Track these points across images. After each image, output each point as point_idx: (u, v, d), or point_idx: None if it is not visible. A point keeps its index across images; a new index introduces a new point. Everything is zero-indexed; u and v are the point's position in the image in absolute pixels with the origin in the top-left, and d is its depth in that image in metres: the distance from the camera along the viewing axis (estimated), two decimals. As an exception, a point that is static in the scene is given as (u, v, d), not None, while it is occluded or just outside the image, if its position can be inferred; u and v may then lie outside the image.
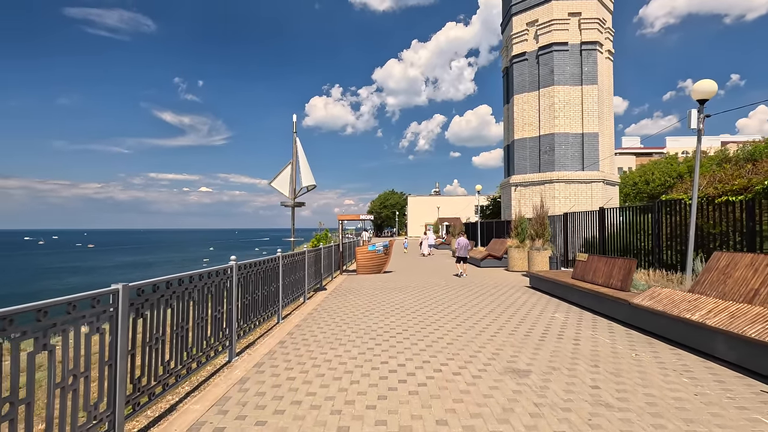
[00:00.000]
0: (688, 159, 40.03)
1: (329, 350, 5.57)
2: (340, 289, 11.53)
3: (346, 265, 19.46)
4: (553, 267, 12.85)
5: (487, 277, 14.50)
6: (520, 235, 16.55)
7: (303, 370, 4.77)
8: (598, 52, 23.52)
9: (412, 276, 14.87)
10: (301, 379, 4.51)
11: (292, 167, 10.17)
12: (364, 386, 4.27)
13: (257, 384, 4.39)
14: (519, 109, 24.90)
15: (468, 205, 77.70)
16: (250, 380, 4.50)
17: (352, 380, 4.45)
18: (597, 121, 23.24)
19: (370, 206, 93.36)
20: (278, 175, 10.12)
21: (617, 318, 7.14)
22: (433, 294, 10.50)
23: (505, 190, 26.34)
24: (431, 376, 4.55)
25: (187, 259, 77.72)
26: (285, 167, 10.22)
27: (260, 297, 6.42)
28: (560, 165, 23.21)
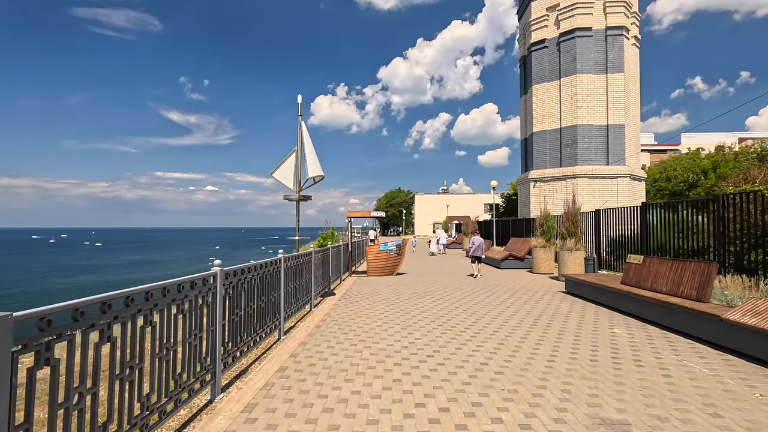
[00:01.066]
0: (710, 155, 38.20)
1: (344, 382, 4.25)
2: (351, 294, 10.22)
3: (355, 266, 18.18)
4: (589, 269, 11.46)
5: (510, 279, 13.12)
6: (546, 234, 15.14)
7: (310, 419, 3.45)
8: (624, 38, 21.97)
9: (429, 278, 13.53)
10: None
11: (297, 156, 8.82)
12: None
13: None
14: (538, 100, 23.42)
15: (477, 204, 76.05)
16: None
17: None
18: (623, 112, 21.71)
19: (377, 204, 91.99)
20: (281, 165, 8.77)
21: (700, 337, 5.74)
22: (457, 300, 9.15)
23: (523, 186, 24.88)
24: (490, 431, 3.22)
25: (194, 258, 76.86)
26: (288, 156, 8.86)
27: (256, 310, 5.11)
28: (583, 159, 21.71)
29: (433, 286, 11.50)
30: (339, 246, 12.53)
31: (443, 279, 13.34)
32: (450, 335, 6.13)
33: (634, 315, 7.32)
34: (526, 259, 16.74)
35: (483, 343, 5.73)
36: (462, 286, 11.61)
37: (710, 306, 5.82)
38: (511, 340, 5.86)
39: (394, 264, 14.49)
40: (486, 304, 8.74)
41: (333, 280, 11.46)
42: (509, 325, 6.74)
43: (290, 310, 6.71)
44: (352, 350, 5.39)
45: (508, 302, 8.91)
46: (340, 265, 12.85)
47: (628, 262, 8.32)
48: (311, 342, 5.82)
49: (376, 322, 7.08)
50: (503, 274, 14.72)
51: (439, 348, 5.48)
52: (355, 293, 10.41)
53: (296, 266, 7.04)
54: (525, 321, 7.05)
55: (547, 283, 11.93)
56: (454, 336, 6.09)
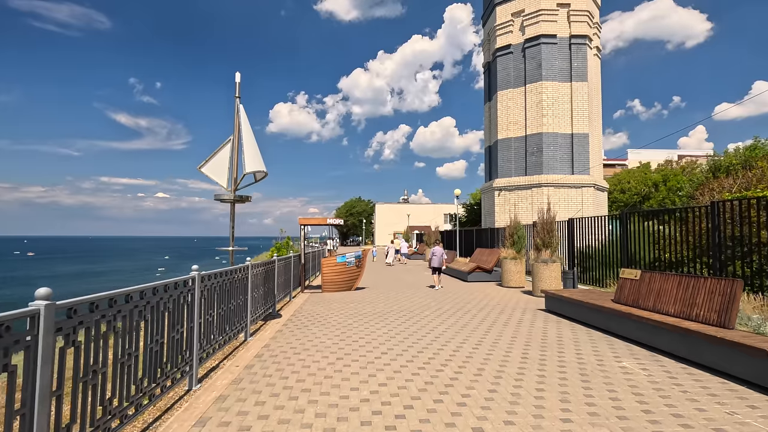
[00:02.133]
0: (660, 168, 39.61)
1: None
2: (301, 316, 8.56)
3: (309, 280, 16.43)
4: (568, 284, 10.42)
5: (481, 294, 11.91)
6: (516, 245, 14.13)
7: None
8: (587, 47, 21.83)
9: (392, 294, 12.08)
10: None
11: (232, 147, 7.08)
12: None
13: None
14: (503, 107, 22.81)
15: (437, 214, 75.83)
16: None
17: None
18: (587, 121, 21.45)
19: (336, 213, 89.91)
20: (212, 158, 6.98)
21: (736, 375, 4.60)
22: (427, 324, 7.73)
23: (487, 194, 24.13)
24: None
25: (139, 269, 71.18)
26: (222, 147, 7.08)
27: (149, 357, 3.41)
28: (549, 167, 21.19)
29: (397, 304, 10.04)
30: (289, 258, 10.83)
31: (408, 294, 11.93)
32: (424, 378, 4.67)
33: (638, 342, 6.18)
34: (494, 271, 15.69)
35: (469, 389, 4.30)
36: (430, 303, 10.23)
37: (744, 335, 4.71)
38: (505, 382, 4.47)
39: (353, 278, 12.93)
40: (461, 327, 7.37)
41: (281, 298, 9.75)
42: (496, 359, 5.37)
43: (210, 346, 5.00)
44: (290, 409, 3.79)
45: (485, 324, 7.59)
46: (290, 280, 11.13)
47: (623, 278, 7.25)
48: (234, 398, 4.15)
49: (327, 358, 5.50)
50: (472, 288, 13.52)
51: (412, 401, 3.99)
52: (306, 314, 8.76)
53: (221, 287, 5.34)
54: (513, 352, 5.72)
55: (522, 299, 10.79)
56: (429, 379, 4.62)
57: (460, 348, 5.96)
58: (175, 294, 3.93)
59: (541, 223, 11.90)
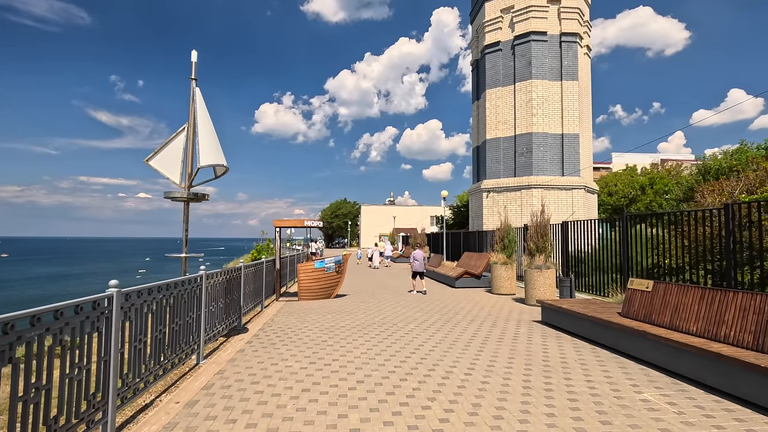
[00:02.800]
0: (647, 171, 39.57)
1: None
2: (270, 330, 7.58)
3: (287, 286, 15.41)
4: (565, 293, 9.63)
5: (470, 302, 11.08)
6: (507, 249, 13.35)
7: None
8: (578, 46, 21.30)
9: (374, 302, 11.16)
10: None
11: (186, 137, 6.00)
12: None
13: None
14: (492, 106, 22.11)
15: (423, 216, 75.14)
16: None
17: None
18: (578, 121, 20.89)
19: (321, 215, 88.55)
20: (162, 149, 5.87)
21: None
22: (413, 339, 6.83)
23: (475, 196, 23.39)
24: None
25: (116, 271, 68.67)
26: (174, 137, 5.96)
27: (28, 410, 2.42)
28: (538, 169, 20.55)
29: (380, 315, 9.12)
30: (261, 263, 9.82)
31: (392, 302, 11.03)
32: (407, 418, 3.75)
33: (654, 365, 5.37)
34: (483, 276, 14.89)
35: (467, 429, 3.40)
36: (415, 314, 9.33)
37: (792, 363, 3.91)
38: (507, 425, 3.58)
39: (333, 285, 11.97)
40: (450, 345, 6.49)
41: (250, 308, 8.74)
42: (493, 389, 4.49)
43: (142, 379, 4.00)
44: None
45: (477, 341, 6.72)
46: (263, 288, 10.12)
47: (631, 289, 6.46)
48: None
49: (291, 389, 4.55)
50: (460, 295, 12.68)
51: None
52: (277, 328, 7.78)
53: (159, 305, 4.34)
54: (513, 379, 4.85)
55: (515, 309, 9.98)
56: (413, 421, 3.71)
57: (451, 373, 5.07)
58: (76, 322, 2.94)
59: (534, 227, 11.12)
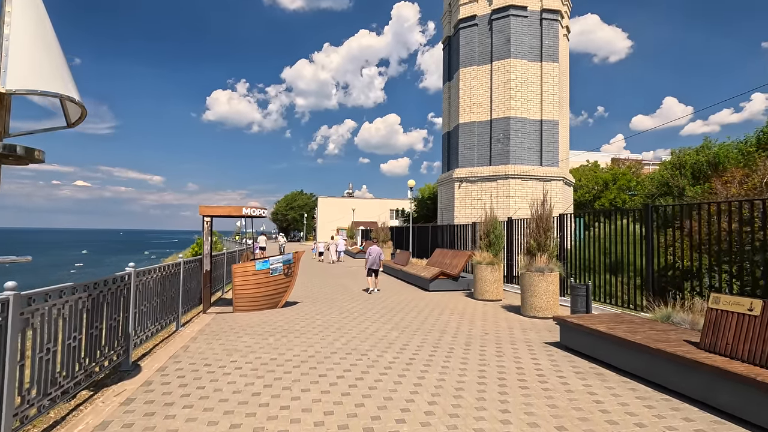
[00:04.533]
0: (610, 167, 39.43)
1: None
2: (174, 373, 4.85)
3: (223, 291, 12.51)
4: (580, 304, 7.52)
5: (452, 312, 8.79)
6: (493, 247, 11.20)
7: None
8: (559, 25, 19.60)
9: (334, 313, 8.61)
10: None
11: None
12: None
13: None
14: (466, 86, 19.99)
15: (384, 209, 72.95)
16: None
17: None
18: (557, 107, 19.22)
19: (275, 207, 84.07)
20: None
21: None
22: (397, 381, 4.34)
23: (445, 187, 21.28)
24: None
25: (47, 266, 60.90)
26: None
27: None
28: (516, 157, 18.69)
29: (343, 336, 6.59)
30: (174, 266, 7.00)
31: (356, 313, 8.52)
32: None
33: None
34: (460, 278, 12.72)
35: None
36: (391, 335, 6.88)
37: None
38: None
39: (280, 291, 9.29)
40: (456, 396, 4.06)
41: (155, 332, 5.93)
42: None
43: None
44: None
45: (491, 387, 4.34)
46: (179, 299, 7.29)
47: (717, 309, 4.33)
48: None
49: None
50: (437, 301, 10.40)
51: None
52: (187, 365, 5.06)
53: None
54: None
55: (513, 323, 7.78)
56: None
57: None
58: None
59: (536, 220, 8.98)
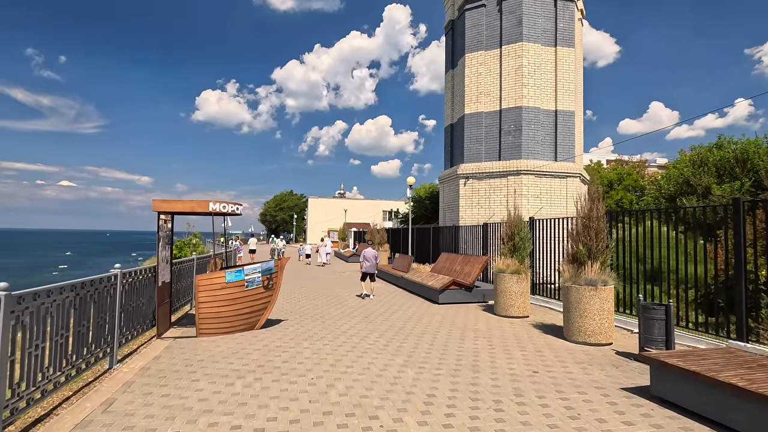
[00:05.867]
0: (614, 167, 37.96)
1: None
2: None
3: (191, 306, 10.44)
4: (655, 330, 5.63)
5: (477, 334, 6.83)
6: (519, 251, 9.27)
7: None
8: (575, 7, 17.86)
9: (326, 338, 6.60)
10: None
11: None
12: None
13: None
14: (472, 73, 18.14)
15: (376, 210, 70.88)
16: None
17: None
18: (573, 96, 17.45)
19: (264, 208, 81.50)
20: None
21: None
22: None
23: (448, 184, 19.38)
24: None
25: (29, 267, 57.71)
26: None
27: None
28: (529, 151, 16.86)
29: (335, 374, 4.58)
30: (109, 280, 4.96)
31: (356, 338, 6.51)
32: None
33: None
34: (474, 288, 10.80)
35: None
36: (402, 373, 4.87)
37: None
38: None
39: (258, 308, 7.26)
40: None
41: (75, 375, 3.87)
42: None
43: None
44: None
45: None
46: (114, 324, 5.23)
47: None
48: None
49: None
50: (453, 318, 8.44)
51: None
52: None
53: None
54: None
55: (557, 351, 5.85)
56: None
57: None
58: None
59: (582, 218, 7.05)
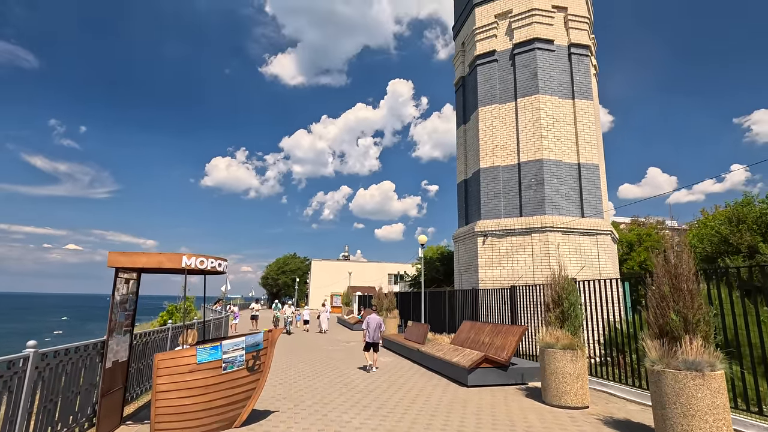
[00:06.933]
0: (632, 227, 36.39)
1: None
2: None
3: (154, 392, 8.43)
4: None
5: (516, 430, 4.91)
6: (571, 321, 7.48)
7: None
8: (589, 61, 17.40)
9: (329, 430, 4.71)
10: None
11: None
12: None
13: None
14: (487, 126, 17.29)
15: (381, 273, 68.63)
16: None
17: None
18: (596, 149, 16.40)
19: (266, 271, 79.34)
20: None
21: None
22: None
23: (464, 243, 17.81)
24: None
25: (23, 333, 54.95)
26: None
27: None
28: (552, 206, 15.47)
29: None
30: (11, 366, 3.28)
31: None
32: None
33: None
34: (511, 366, 8.84)
35: None
36: None
37: None
38: None
39: (238, 399, 5.42)
40: None
41: None
42: None
43: None
44: None
45: None
46: (12, 427, 3.45)
47: None
48: None
49: None
50: (490, 411, 6.47)
51: None
52: None
53: None
54: None
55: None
56: None
57: None
58: None
59: (670, 276, 5.40)
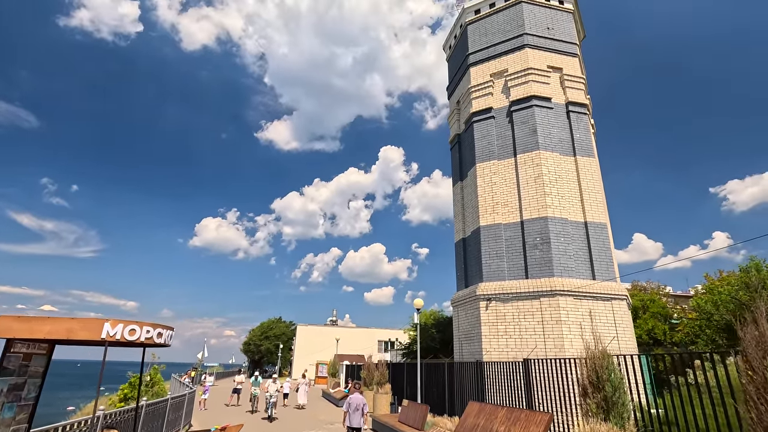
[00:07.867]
0: (635, 293, 35.04)
1: None
2: None
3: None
4: None
5: None
6: (615, 409, 5.92)
7: None
8: (587, 119, 17.11)
9: None
10: None
11: None
12: None
13: None
14: (485, 183, 16.48)
15: (371, 340, 64.95)
16: None
17: None
18: (602, 207, 15.53)
19: (249, 336, 74.87)
20: None
21: None
22: None
23: (464, 308, 16.22)
24: None
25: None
26: None
27: None
28: (561, 268, 14.21)
29: None
30: None
31: None
32: None
33: None
34: (537, 463, 7.04)
35: None
36: None
37: None
38: None
39: None
40: None
41: None
42: None
43: None
44: None
45: None
46: None
47: None
48: None
49: None
50: None
51: None
52: None
53: None
54: None
55: None
56: None
57: None
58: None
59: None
